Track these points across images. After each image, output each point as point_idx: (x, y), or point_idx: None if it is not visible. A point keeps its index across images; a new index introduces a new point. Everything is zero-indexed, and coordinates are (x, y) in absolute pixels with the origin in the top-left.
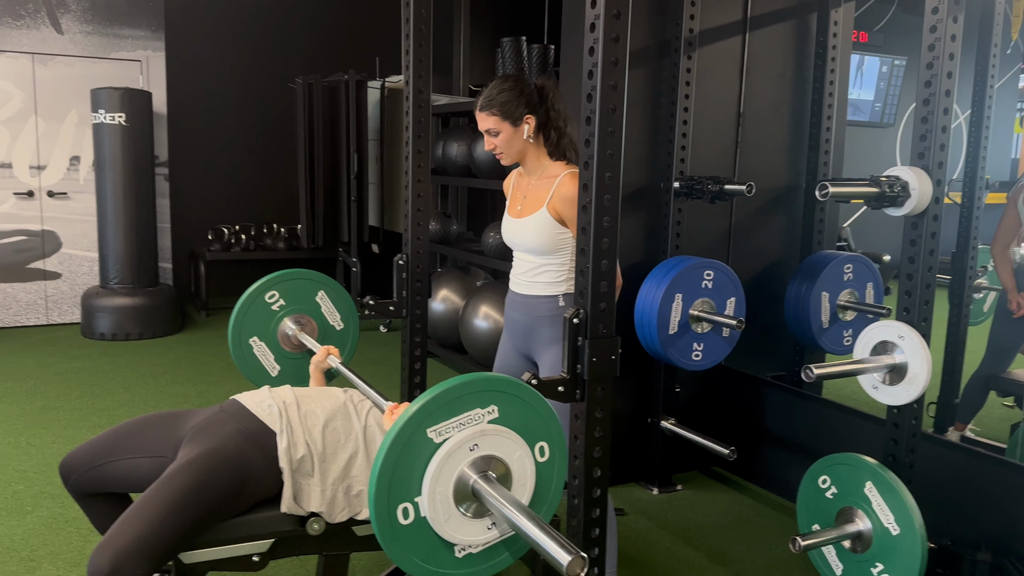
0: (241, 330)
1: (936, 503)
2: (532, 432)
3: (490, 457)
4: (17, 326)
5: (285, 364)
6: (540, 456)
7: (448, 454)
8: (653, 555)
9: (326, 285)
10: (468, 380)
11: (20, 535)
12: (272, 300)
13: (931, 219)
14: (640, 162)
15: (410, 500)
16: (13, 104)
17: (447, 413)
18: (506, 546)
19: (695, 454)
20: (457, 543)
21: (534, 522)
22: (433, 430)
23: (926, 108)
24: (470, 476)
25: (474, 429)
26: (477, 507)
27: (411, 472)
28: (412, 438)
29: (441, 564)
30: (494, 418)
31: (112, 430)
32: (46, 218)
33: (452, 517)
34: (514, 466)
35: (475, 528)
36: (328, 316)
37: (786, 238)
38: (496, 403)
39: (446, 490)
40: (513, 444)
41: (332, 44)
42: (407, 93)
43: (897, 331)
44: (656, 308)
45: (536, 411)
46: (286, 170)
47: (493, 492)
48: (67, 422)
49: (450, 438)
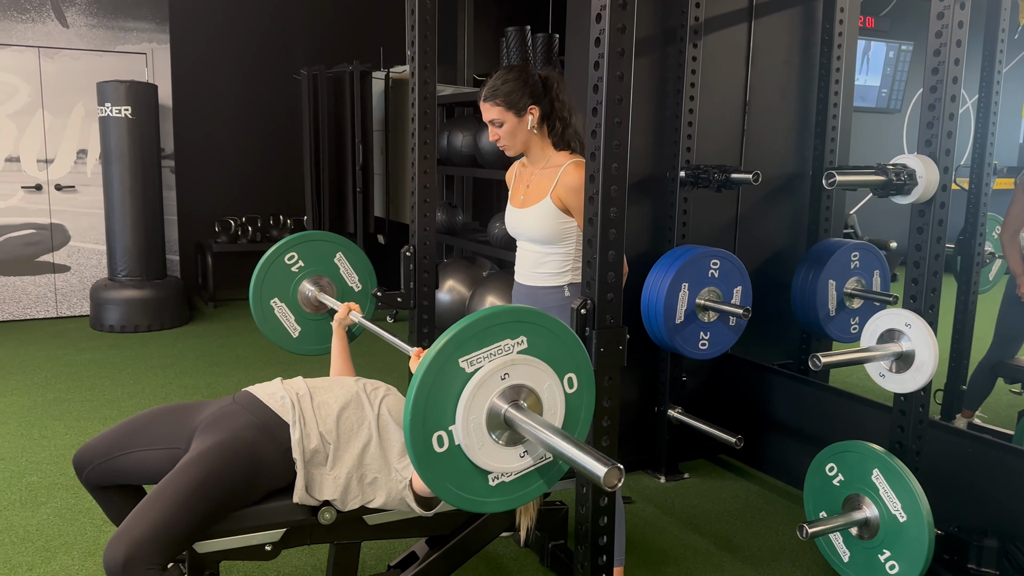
0: (262, 292)
1: (943, 490)
2: (561, 363)
3: (521, 386)
4: (27, 319)
5: (306, 325)
6: (569, 387)
7: (480, 383)
8: (661, 542)
9: (344, 247)
10: (497, 311)
11: (35, 525)
12: (291, 262)
13: (938, 207)
14: (646, 152)
15: (444, 428)
16: (20, 98)
17: (478, 343)
18: (540, 474)
19: (702, 442)
20: (491, 471)
21: (566, 439)
22: (465, 360)
23: (933, 95)
24: (502, 405)
25: (505, 359)
26: (510, 435)
27: (445, 401)
28: (445, 367)
29: (476, 492)
30: (523, 348)
31: (125, 422)
32: (54, 211)
33: (485, 444)
34: (544, 395)
35: (508, 456)
36: (346, 277)
37: (793, 226)
38: (525, 334)
39: (479, 418)
40: (543, 374)
41: (336, 35)
42: (413, 84)
43: (904, 319)
44: (663, 297)
45: (564, 343)
46: (291, 161)
47: (523, 416)
48: (78, 414)
49: (481, 367)
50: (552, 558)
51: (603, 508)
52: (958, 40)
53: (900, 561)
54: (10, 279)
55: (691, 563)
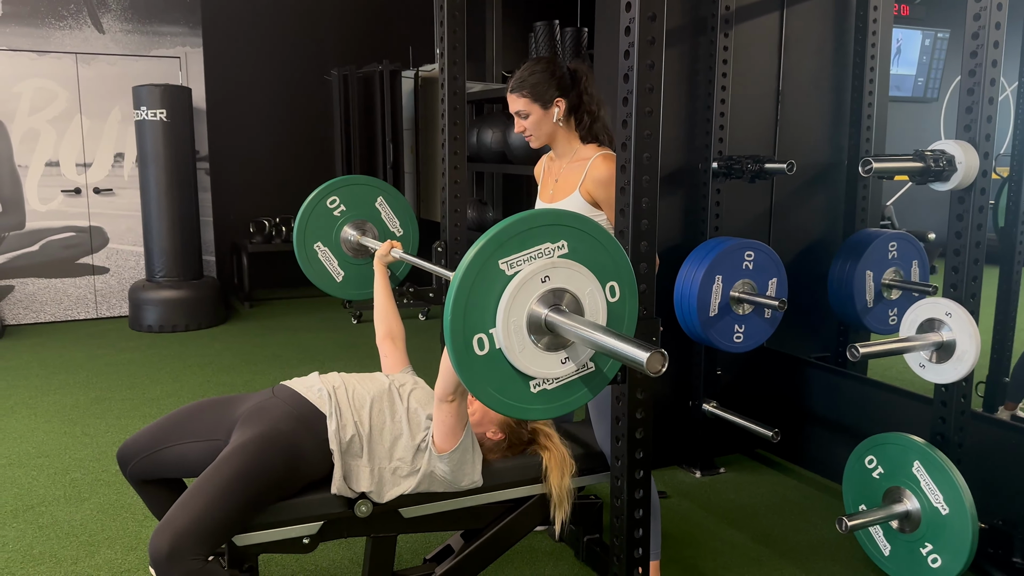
0: (305, 235)
1: (987, 483)
2: (603, 270)
3: (561, 290)
4: (68, 320)
5: (349, 270)
6: (611, 296)
7: (520, 285)
8: (697, 537)
9: (385, 191)
10: (537, 213)
11: (79, 521)
12: (334, 205)
13: (978, 193)
14: (678, 142)
15: (484, 331)
16: (59, 103)
17: (518, 245)
18: (584, 382)
19: (738, 436)
20: (533, 376)
21: (606, 332)
22: (504, 262)
23: (972, 79)
24: (542, 309)
25: (545, 262)
26: (551, 339)
27: (485, 303)
28: (484, 269)
29: (517, 397)
30: (564, 253)
31: (166, 417)
32: (93, 214)
33: (526, 348)
34: (585, 300)
35: (550, 361)
36: (388, 222)
37: (828, 217)
38: (566, 238)
39: (519, 320)
40: (584, 279)
41: (366, 35)
42: (442, 80)
43: (944, 308)
44: (696, 290)
45: (607, 250)
46: (323, 161)
47: (563, 317)
48: (119, 412)
49: (521, 270)
50: (587, 552)
51: (638, 501)
52: (997, 23)
53: (943, 554)
54: (52, 281)
55: (728, 558)
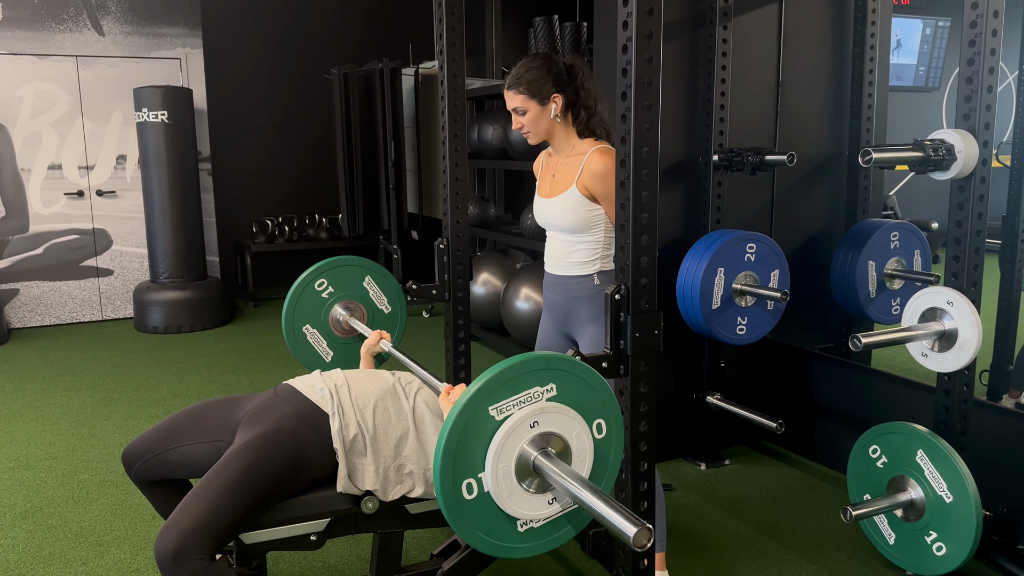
0: (294, 319)
1: (991, 470)
2: (590, 409)
3: (550, 434)
4: (73, 322)
5: (337, 349)
6: (598, 433)
7: (509, 431)
8: (702, 529)
9: (372, 270)
10: (527, 359)
11: (88, 522)
12: (321, 288)
13: (978, 182)
14: (678, 136)
15: (474, 476)
16: (60, 106)
17: (508, 391)
18: (568, 519)
19: (742, 428)
20: (520, 517)
21: (597, 495)
22: (495, 408)
23: (971, 68)
24: (531, 452)
25: (534, 407)
26: (539, 483)
27: (474, 448)
28: (474, 415)
29: (504, 538)
30: (552, 396)
31: (170, 418)
32: (96, 216)
33: (515, 492)
34: (573, 442)
35: (537, 503)
36: (376, 300)
37: (830, 207)
38: (554, 381)
39: (508, 466)
40: (572, 421)
41: (365, 33)
42: (442, 77)
43: (946, 297)
44: (698, 283)
45: (593, 389)
46: (325, 160)
47: (554, 467)
48: (126, 413)
49: (511, 415)
50: (594, 545)
51: (643, 493)
52: (995, 11)
53: (948, 542)
54: (56, 284)
55: (734, 549)
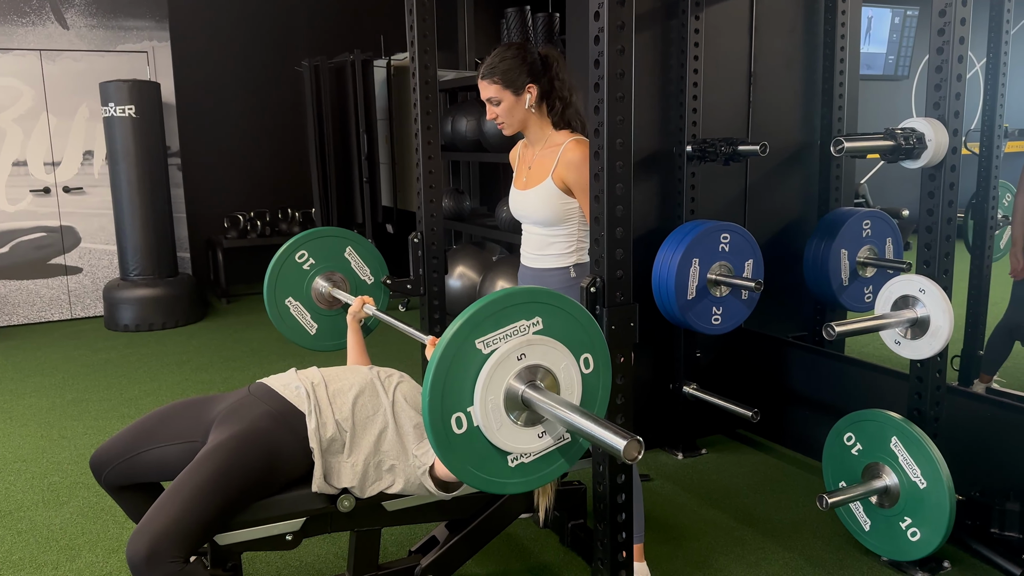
0: (276, 292)
1: (964, 455)
2: (577, 344)
3: (537, 367)
4: (42, 321)
5: (322, 322)
6: (585, 368)
7: (496, 363)
8: (680, 518)
9: (353, 241)
10: (512, 292)
11: (58, 524)
12: (302, 260)
13: (948, 170)
14: (651, 127)
15: (462, 410)
16: (24, 102)
17: (493, 325)
18: (560, 453)
19: (719, 417)
20: (511, 452)
21: (584, 415)
22: (481, 341)
23: (940, 57)
24: (519, 385)
25: (520, 339)
26: (528, 415)
27: (462, 382)
28: (461, 349)
29: (495, 473)
30: (539, 329)
31: (139, 421)
32: (64, 213)
33: (504, 425)
34: (561, 375)
35: (527, 436)
36: (358, 271)
37: (803, 197)
38: (540, 315)
39: (497, 399)
40: (559, 354)
41: (336, 25)
42: (413, 69)
43: (918, 285)
44: (673, 274)
45: (580, 324)
46: (297, 154)
47: (540, 396)
48: (97, 413)
49: (497, 348)
50: (572, 538)
51: (620, 485)
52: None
53: (922, 528)
54: (23, 283)
55: (711, 538)
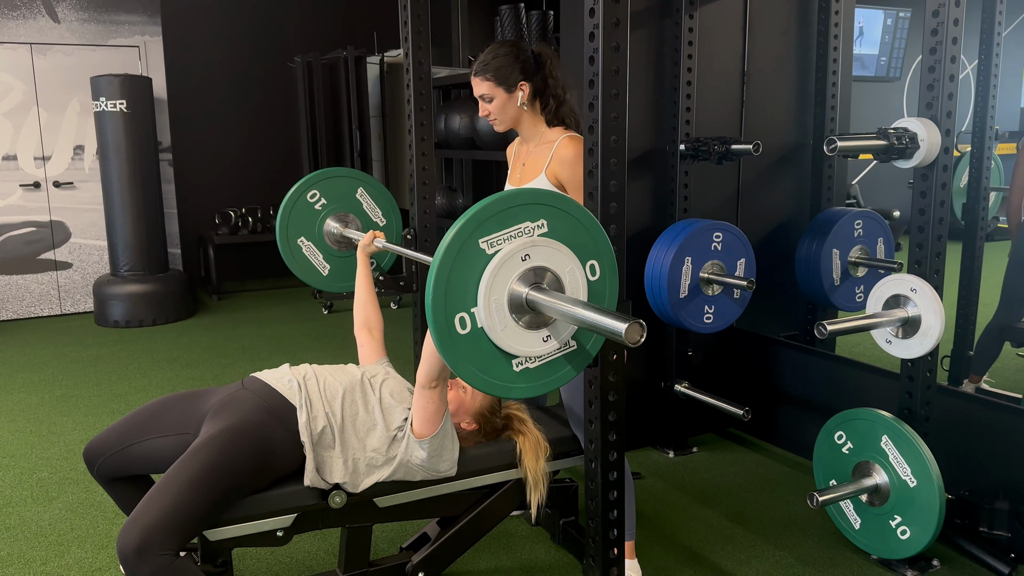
0: (288, 231)
1: (953, 454)
2: (583, 249)
3: (542, 268)
4: (32, 317)
5: (334, 263)
6: (591, 275)
7: (500, 263)
8: (671, 516)
9: (364, 181)
10: (516, 192)
11: (47, 520)
12: (314, 199)
13: (941, 170)
14: (645, 125)
15: (466, 310)
16: (14, 96)
17: (497, 225)
18: (567, 360)
19: (710, 416)
20: (516, 355)
21: (585, 305)
22: (484, 240)
23: (933, 57)
24: (523, 287)
25: (525, 240)
26: (532, 318)
27: (466, 283)
28: (464, 248)
29: (500, 376)
30: (544, 232)
31: (134, 413)
32: (54, 208)
33: (508, 327)
34: (566, 279)
35: (532, 339)
36: (369, 212)
37: (795, 196)
38: (545, 217)
39: (501, 299)
40: (564, 257)
41: (330, 20)
42: (407, 66)
43: (909, 284)
44: (666, 272)
45: (586, 228)
46: (289, 150)
47: (542, 295)
48: (86, 409)
49: (502, 249)
50: (564, 535)
51: (612, 483)
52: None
53: (911, 526)
54: (12, 278)
55: (702, 536)
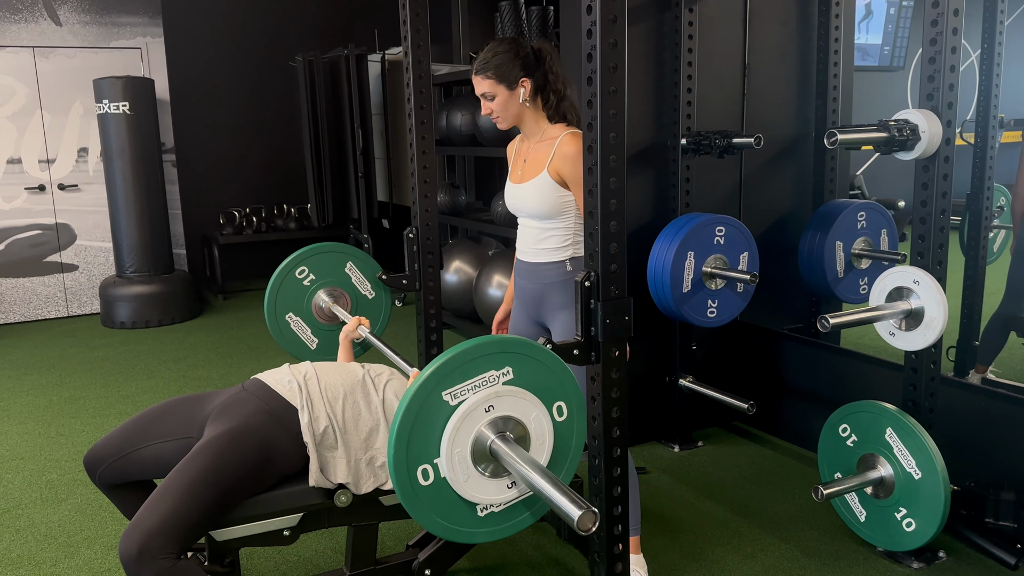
0: (276, 308)
1: (959, 446)
2: (548, 392)
3: (507, 418)
4: (39, 319)
5: (322, 336)
6: (558, 416)
7: (464, 415)
8: (677, 511)
9: (354, 256)
10: (480, 343)
11: (56, 522)
12: (303, 276)
13: (942, 161)
14: (645, 120)
15: (429, 462)
16: (18, 99)
17: (461, 376)
18: (526, 505)
19: (715, 410)
20: (478, 502)
21: (545, 477)
22: (448, 393)
23: (933, 48)
24: (487, 436)
25: (489, 391)
26: (495, 467)
27: (429, 434)
28: (427, 401)
29: (463, 523)
30: (509, 379)
31: (134, 419)
32: (59, 211)
33: (471, 477)
34: (531, 426)
35: (494, 487)
36: (359, 286)
37: (798, 189)
38: (510, 364)
39: (464, 451)
40: (529, 404)
41: (330, 19)
42: (406, 64)
43: (912, 276)
44: (669, 267)
45: (551, 371)
46: (292, 149)
47: (507, 450)
48: (94, 410)
49: (465, 400)
50: (569, 530)
51: (616, 479)
52: None
53: (917, 518)
54: (20, 280)
55: (707, 530)
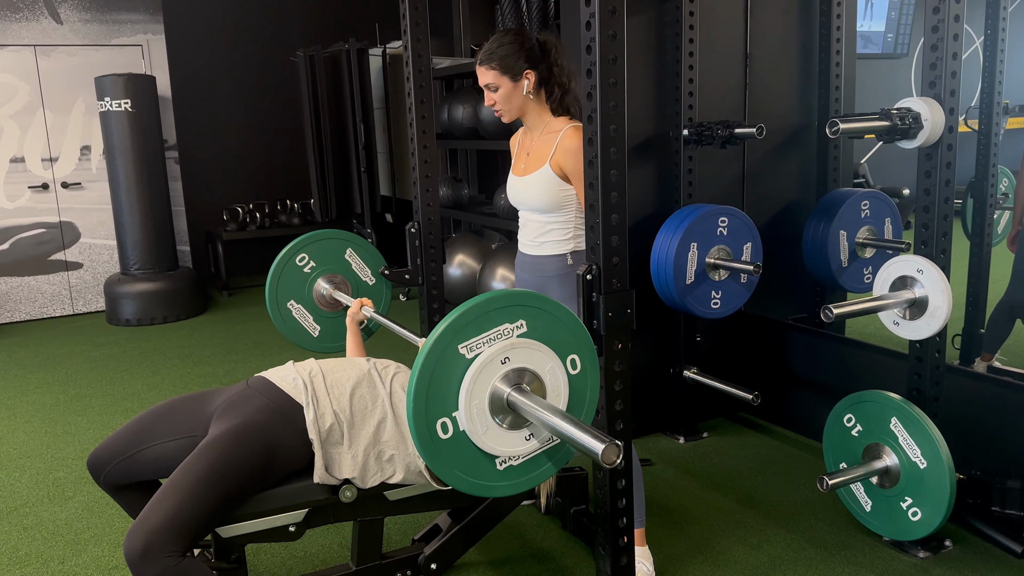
0: (277, 296)
1: (964, 434)
2: (562, 345)
3: (522, 370)
4: (44, 317)
5: (324, 324)
6: (572, 369)
7: (480, 368)
8: (682, 502)
9: (353, 242)
10: (494, 296)
11: (64, 520)
12: (303, 263)
13: (945, 149)
14: (647, 111)
15: (447, 415)
16: (20, 98)
17: (476, 329)
18: (547, 456)
19: (720, 401)
20: (498, 455)
21: (564, 418)
22: (464, 346)
23: (935, 35)
24: (504, 389)
25: (504, 343)
26: (513, 419)
27: (446, 388)
28: (444, 355)
29: (484, 476)
30: (523, 332)
31: (137, 419)
32: (63, 209)
33: (490, 429)
34: (547, 378)
35: (513, 439)
36: (359, 272)
37: (801, 178)
38: (524, 317)
39: (481, 403)
40: (544, 356)
41: (331, 14)
42: (406, 58)
43: (916, 265)
44: (672, 258)
45: (564, 325)
46: (295, 144)
47: (524, 398)
48: (100, 408)
49: (481, 353)
50: (574, 523)
51: (621, 471)
52: None
53: (922, 507)
54: (24, 279)
55: (713, 521)
